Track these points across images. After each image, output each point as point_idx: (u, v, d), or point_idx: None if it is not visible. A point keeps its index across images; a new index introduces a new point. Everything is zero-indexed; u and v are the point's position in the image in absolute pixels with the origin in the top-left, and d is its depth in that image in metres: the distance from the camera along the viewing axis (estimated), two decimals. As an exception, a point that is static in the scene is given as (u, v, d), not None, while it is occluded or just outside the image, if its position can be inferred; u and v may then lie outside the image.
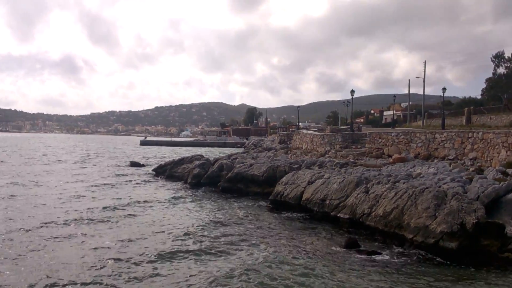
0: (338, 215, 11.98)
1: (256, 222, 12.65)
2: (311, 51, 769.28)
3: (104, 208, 14.24)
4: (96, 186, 20.03)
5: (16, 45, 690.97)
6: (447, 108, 52.93)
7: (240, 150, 51.46)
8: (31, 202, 14.99)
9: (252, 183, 18.15)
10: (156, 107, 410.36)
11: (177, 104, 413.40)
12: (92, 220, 12.29)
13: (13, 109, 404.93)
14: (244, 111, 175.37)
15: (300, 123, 77.09)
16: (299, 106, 78.02)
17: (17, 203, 14.80)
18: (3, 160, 33.87)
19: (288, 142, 38.55)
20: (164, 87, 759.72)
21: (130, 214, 13.41)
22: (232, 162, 22.19)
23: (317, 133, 32.71)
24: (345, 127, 38.01)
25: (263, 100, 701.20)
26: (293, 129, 52.70)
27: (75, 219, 12.24)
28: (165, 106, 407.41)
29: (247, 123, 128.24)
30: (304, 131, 36.37)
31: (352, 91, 33.58)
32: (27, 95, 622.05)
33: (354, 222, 11.43)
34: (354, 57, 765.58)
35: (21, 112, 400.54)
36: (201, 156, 26.07)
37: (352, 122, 36.44)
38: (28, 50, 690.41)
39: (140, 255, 8.96)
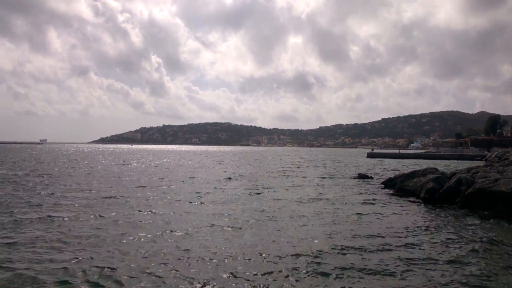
0: None
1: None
2: None
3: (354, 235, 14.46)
4: (325, 198, 20.71)
5: (257, 68, 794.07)
6: None
7: (481, 163, 45.41)
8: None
9: (497, 200, 15.52)
10: (383, 119, 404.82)
11: (406, 114, 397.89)
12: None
13: (253, 125, 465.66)
14: (483, 119, 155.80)
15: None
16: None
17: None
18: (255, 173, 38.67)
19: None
20: (393, 98, 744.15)
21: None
22: (473, 177, 19.54)
23: None
24: None
25: (509, 107, 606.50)
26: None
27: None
28: (393, 117, 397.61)
29: (488, 133, 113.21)
30: None
31: None
32: (265, 112, 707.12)
33: None
34: None
35: (260, 128, 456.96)
36: (435, 169, 23.96)
37: None
38: (266, 71, 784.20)
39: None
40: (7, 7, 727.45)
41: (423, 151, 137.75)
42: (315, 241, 10.81)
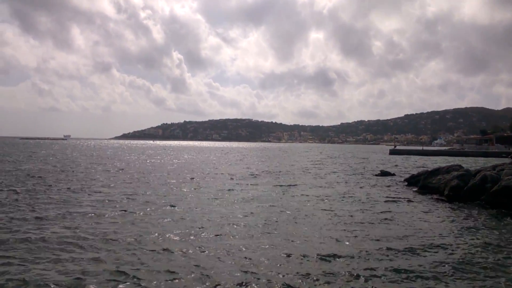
0: None
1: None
2: None
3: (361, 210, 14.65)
4: (349, 195, 20.88)
5: (278, 64, 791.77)
6: None
7: (507, 160, 44.59)
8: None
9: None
10: (406, 115, 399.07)
11: (429, 111, 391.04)
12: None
13: (274, 121, 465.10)
14: (509, 116, 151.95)
15: None
16: None
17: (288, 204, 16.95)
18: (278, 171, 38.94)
19: None
20: (416, 94, 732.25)
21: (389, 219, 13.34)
22: (498, 174, 19.39)
23: None
24: None
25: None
26: None
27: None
28: (416, 114, 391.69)
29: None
30: None
31: None
32: (286, 108, 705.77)
33: None
34: None
35: (281, 124, 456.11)
36: (459, 166, 23.80)
37: None
38: (287, 67, 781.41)
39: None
40: (32, 5, 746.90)
41: (446, 148, 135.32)
42: (341, 241, 10.69)
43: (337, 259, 9.07)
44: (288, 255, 9.29)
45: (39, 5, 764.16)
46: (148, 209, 14.80)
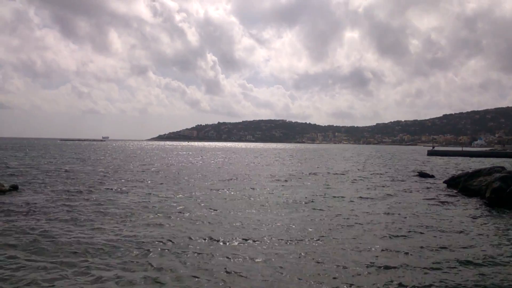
0: None
1: None
2: None
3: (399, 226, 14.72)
4: (390, 198, 20.96)
5: (312, 65, 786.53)
6: None
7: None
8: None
9: None
10: (445, 115, 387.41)
11: (469, 110, 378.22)
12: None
13: (308, 122, 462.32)
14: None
15: None
16: None
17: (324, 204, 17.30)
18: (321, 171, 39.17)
19: None
20: (455, 93, 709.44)
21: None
22: (543, 177, 19.02)
23: None
24: None
25: None
26: None
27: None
28: (455, 114, 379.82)
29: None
30: None
31: None
32: (320, 109, 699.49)
33: None
34: None
35: (315, 125, 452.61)
36: (502, 168, 23.34)
37: None
38: (322, 67, 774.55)
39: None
40: (71, 10, 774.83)
41: (488, 148, 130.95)
42: (388, 250, 10.31)
43: (387, 270, 8.73)
44: (339, 266, 9.00)
45: (79, 10, 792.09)
46: (186, 212, 15.16)
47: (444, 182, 25.91)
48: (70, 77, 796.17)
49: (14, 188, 20.02)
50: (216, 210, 15.62)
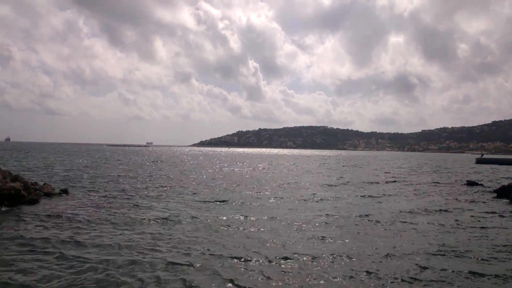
0: None
1: None
2: None
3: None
4: (439, 208, 21.17)
5: (355, 70, 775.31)
6: None
7: None
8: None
9: None
10: (494, 122, 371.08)
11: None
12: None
13: (350, 129, 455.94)
14: None
15: None
16: None
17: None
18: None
19: None
20: (505, 99, 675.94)
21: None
22: None
23: None
24: None
25: None
26: None
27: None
28: (505, 120, 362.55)
29: None
30: None
31: None
32: (363, 115, 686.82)
33: None
34: None
35: (357, 131, 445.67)
36: (554, 178, 23.23)
37: None
38: (365, 73, 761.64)
39: None
40: (118, 19, 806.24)
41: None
42: (428, 259, 10.41)
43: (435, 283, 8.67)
44: (392, 276, 8.99)
45: (126, 20, 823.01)
46: (235, 217, 15.77)
47: (494, 191, 25.74)
48: (116, 84, 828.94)
49: (64, 192, 21.04)
50: (281, 220, 16.29)
